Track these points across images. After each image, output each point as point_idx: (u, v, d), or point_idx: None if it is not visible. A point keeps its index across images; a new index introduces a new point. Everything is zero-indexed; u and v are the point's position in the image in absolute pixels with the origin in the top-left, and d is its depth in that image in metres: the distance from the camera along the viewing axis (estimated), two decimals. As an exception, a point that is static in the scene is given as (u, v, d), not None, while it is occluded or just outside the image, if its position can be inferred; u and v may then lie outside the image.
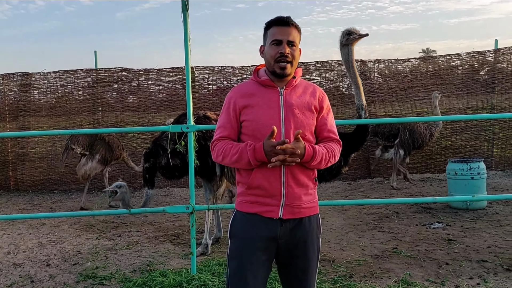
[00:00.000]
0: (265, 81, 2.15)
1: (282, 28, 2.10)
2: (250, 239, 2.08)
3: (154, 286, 3.64)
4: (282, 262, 2.17)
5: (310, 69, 9.50)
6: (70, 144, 7.60)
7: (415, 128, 8.03)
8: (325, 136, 2.20)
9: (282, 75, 2.12)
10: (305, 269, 2.15)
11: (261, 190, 2.08)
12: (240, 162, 2.06)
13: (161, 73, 9.46)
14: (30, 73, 9.52)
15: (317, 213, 2.22)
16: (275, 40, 2.09)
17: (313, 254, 2.16)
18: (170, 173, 5.06)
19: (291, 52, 2.09)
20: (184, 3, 3.59)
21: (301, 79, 2.25)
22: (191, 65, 9.99)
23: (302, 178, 2.10)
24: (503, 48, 9.40)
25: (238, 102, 2.14)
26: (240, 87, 2.22)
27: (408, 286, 3.79)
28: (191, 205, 3.73)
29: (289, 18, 2.12)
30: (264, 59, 2.19)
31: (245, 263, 2.07)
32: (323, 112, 2.21)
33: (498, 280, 3.86)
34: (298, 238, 2.12)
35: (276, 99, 2.12)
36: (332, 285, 3.82)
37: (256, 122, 2.08)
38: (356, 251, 4.76)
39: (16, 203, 8.36)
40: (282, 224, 2.08)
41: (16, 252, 5.20)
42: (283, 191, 2.07)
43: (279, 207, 2.07)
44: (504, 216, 5.99)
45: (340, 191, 8.43)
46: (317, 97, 2.20)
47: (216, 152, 2.14)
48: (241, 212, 2.15)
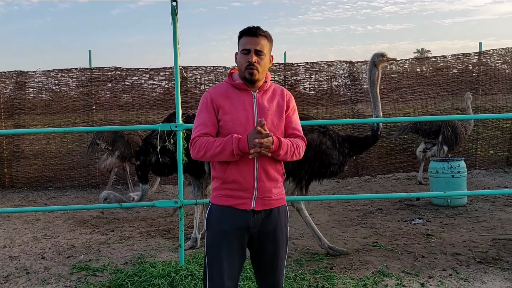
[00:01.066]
0: (239, 85, 2.37)
1: (251, 38, 2.31)
2: (225, 230, 2.28)
3: (144, 276, 3.84)
4: (254, 249, 2.39)
5: (300, 69, 9.72)
6: (96, 139, 8.09)
7: (456, 125, 8.30)
8: (290, 132, 2.43)
9: (251, 81, 2.33)
10: (275, 254, 2.37)
11: (235, 184, 2.28)
12: (223, 153, 2.21)
13: (155, 73, 9.65)
14: (25, 71, 9.68)
15: (284, 204, 2.45)
16: (244, 50, 2.32)
17: (282, 241, 2.39)
18: (160, 170, 5.29)
19: (258, 61, 2.30)
20: (174, 8, 3.79)
21: (271, 83, 2.47)
22: (184, 65, 10.13)
23: (272, 173, 2.33)
24: (487, 51, 9.68)
25: (216, 101, 2.32)
26: (217, 88, 2.42)
27: (384, 277, 4.02)
28: (180, 200, 3.94)
29: (258, 28, 2.34)
30: (237, 65, 2.40)
31: (221, 252, 2.28)
32: (289, 111, 2.45)
33: (470, 271, 4.10)
34: (268, 227, 2.34)
35: (250, 102, 2.34)
36: (313, 275, 4.05)
37: (232, 122, 2.29)
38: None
39: (11, 199, 8.53)
40: (254, 215, 2.30)
41: (12, 245, 5.39)
42: (256, 185, 2.28)
43: (252, 199, 2.29)
44: (482, 213, 6.26)
45: (328, 188, 8.67)
46: (285, 98, 2.43)
47: (198, 148, 2.27)
48: (216, 205, 2.34)
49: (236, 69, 2.45)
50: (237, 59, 2.39)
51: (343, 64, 9.77)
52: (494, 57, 9.73)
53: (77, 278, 4.22)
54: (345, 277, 4.00)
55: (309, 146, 4.40)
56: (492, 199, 7.07)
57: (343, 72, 9.79)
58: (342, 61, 9.77)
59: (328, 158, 4.58)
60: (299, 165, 4.45)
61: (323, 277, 4.01)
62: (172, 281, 3.70)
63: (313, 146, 4.48)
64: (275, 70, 9.62)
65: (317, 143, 4.52)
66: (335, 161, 4.61)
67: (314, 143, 4.49)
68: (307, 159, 4.42)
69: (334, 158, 4.60)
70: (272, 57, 2.44)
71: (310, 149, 4.41)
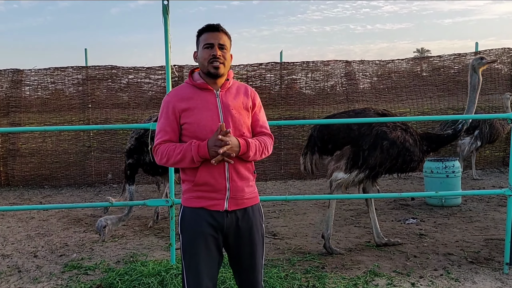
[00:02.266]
0: (201, 84, 2.32)
1: (213, 34, 2.29)
2: (199, 232, 2.24)
3: (134, 275, 3.84)
4: (231, 249, 2.36)
5: (296, 69, 9.71)
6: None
7: (494, 123, 8.47)
8: (258, 131, 2.41)
9: (216, 75, 2.29)
10: (252, 254, 2.35)
11: (207, 186, 2.24)
12: (184, 161, 2.19)
13: (151, 71, 9.64)
14: (21, 69, 9.66)
15: (258, 202, 2.43)
16: (207, 44, 2.28)
17: (258, 240, 2.37)
18: (154, 169, 5.26)
19: (222, 54, 2.28)
20: (165, 7, 3.78)
21: (234, 80, 2.43)
22: (181, 64, 10.10)
23: (243, 172, 2.30)
24: (483, 51, 9.68)
25: (177, 106, 2.27)
26: (177, 91, 2.36)
27: (375, 276, 4.02)
28: (171, 199, 3.94)
29: (218, 25, 2.32)
30: (198, 63, 2.36)
31: (198, 254, 2.24)
32: (255, 109, 2.42)
33: (461, 271, 4.10)
34: (244, 227, 2.31)
35: (213, 101, 2.29)
36: (304, 275, 4.05)
37: (197, 124, 2.24)
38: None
39: (7, 197, 8.52)
40: (227, 215, 2.27)
41: (5, 244, 5.39)
42: (228, 186, 2.25)
43: (225, 200, 2.25)
44: (476, 213, 6.26)
45: (324, 188, 8.65)
46: (249, 96, 2.40)
47: (160, 155, 2.25)
48: (188, 208, 2.30)
49: (196, 69, 2.42)
50: (197, 56, 2.35)
51: (340, 63, 9.77)
52: (491, 57, 9.71)
53: (68, 277, 4.22)
54: (336, 277, 4.00)
55: (393, 143, 4.55)
56: (486, 199, 7.07)
57: (339, 72, 9.79)
58: (338, 60, 9.78)
59: (411, 154, 4.66)
60: (381, 161, 4.57)
61: (314, 277, 4.01)
62: (162, 280, 3.70)
63: (397, 144, 4.58)
64: (271, 69, 9.62)
65: (401, 140, 4.60)
66: (415, 157, 4.71)
67: (398, 141, 4.59)
68: (391, 155, 4.56)
69: (415, 155, 4.69)
70: (232, 56, 2.39)
71: (394, 146, 4.56)
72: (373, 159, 4.55)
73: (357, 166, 4.60)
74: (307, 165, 4.96)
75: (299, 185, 9.07)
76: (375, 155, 4.54)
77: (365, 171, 4.60)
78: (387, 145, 4.54)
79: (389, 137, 4.55)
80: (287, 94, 9.66)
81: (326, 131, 4.81)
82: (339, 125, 4.70)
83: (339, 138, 4.71)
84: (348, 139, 4.65)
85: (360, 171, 4.60)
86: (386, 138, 4.55)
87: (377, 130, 4.57)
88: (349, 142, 4.66)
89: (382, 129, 4.57)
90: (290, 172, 9.55)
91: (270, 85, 9.69)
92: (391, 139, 4.55)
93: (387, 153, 4.54)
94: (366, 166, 4.58)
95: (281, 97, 9.64)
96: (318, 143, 4.88)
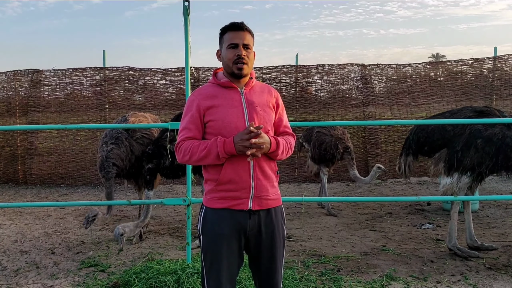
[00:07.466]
0: (225, 83, 2.32)
1: (237, 33, 2.27)
2: (223, 234, 2.21)
3: (151, 273, 3.87)
4: (252, 252, 2.32)
5: (312, 72, 9.71)
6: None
7: None
8: (281, 131, 2.41)
9: (240, 76, 2.29)
10: (272, 257, 2.31)
11: (231, 184, 2.21)
12: (208, 157, 2.17)
13: (167, 73, 9.73)
14: (41, 70, 9.84)
15: (281, 204, 2.41)
16: (231, 44, 2.26)
17: (279, 243, 2.33)
18: (174, 173, 5.23)
19: (246, 54, 2.28)
20: (186, 8, 3.82)
21: (256, 80, 2.43)
22: (197, 66, 10.18)
23: (268, 171, 2.28)
24: (502, 56, 9.56)
25: (202, 104, 2.26)
26: (201, 90, 2.35)
27: (392, 280, 3.98)
28: (188, 198, 3.96)
29: (242, 23, 2.30)
30: (222, 62, 2.36)
31: (219, 258, 2.21)
32: (279, 109, 2.42)
33: (479, 277, 4.04)
34: (266, 229, 2.28)
35: (238, 99, 2.28)
36: (319, 277, 4.04)
37: (222, 120, 2.22)
38: (346, 247, 4.96)
39: (24, 195, 8.66)
40: (250, 216, 2.24)
41: (23, 240, 5.47)
42: (252, 184, 2.21)
43: (249, 199, 2.21)
44: (494, 219, 6.17)
45: (338, 191, 8.62)
46: (273, 96, 2.40)
47: (183, 152, 2.22)
48: (211, 209, 2.26)
49: (220, 69, 2.42)
50: (221, 55, 2.34)
51: (355, 67, 9.73)
52: (510, 62, 9.59)
53: (85, 274, 4.27)
54: (352, 280, 3.98)
55: (490, 140, 4.33)
56: (504, 205, 6.97)
57: (355, 75, 9.75)
58: (354, 64, 9.74)
59: None
60: (479, 160, 4.40)
61: (329, 279, 3.99)
62: (178, 279, 3.72)
63: (494, 140, 4.37)
64: (286, 72, 9.63)
65: (499, 137, 4.37)
66: None
67: (495, 137, 4.37)
68: (488, 154, 4.38)
69: None
70: (255, 54, 2.39)
71: (491, 144, 4.36)
72: (469, 159, 4.39)
73: (454, 168, 4.48)
74: (401, 166, 5.01)
75: (313, 188, 9.04)
76: (470, 155, 4.40)
77: (466, 173, 4.45)
78: (481, 144, 4.37)
79: (484, 135, 4.38)
80: (302, 97, 9.66)
81: (421, 133, 4.81)
82: (433, 127, 4.66)
83: (434, 139, 4.68)
84: (443, 141, 4.60)
85: (460, 174, 4.46)
86: (480, 136, 4.38)
87: (470, 129, 4.42)
88: (445, 143, 4.59)
89: (476, 127, 4.41)
90: (304, 175, 9.52)
91: (286, 87, 9.69)
92: (486, 137, 4.38)
93: (483, 151, 4.38)
94: (462, 168, 4.44)
95: (296, 100, 9.64)
96: (412, 146, 4.91)
